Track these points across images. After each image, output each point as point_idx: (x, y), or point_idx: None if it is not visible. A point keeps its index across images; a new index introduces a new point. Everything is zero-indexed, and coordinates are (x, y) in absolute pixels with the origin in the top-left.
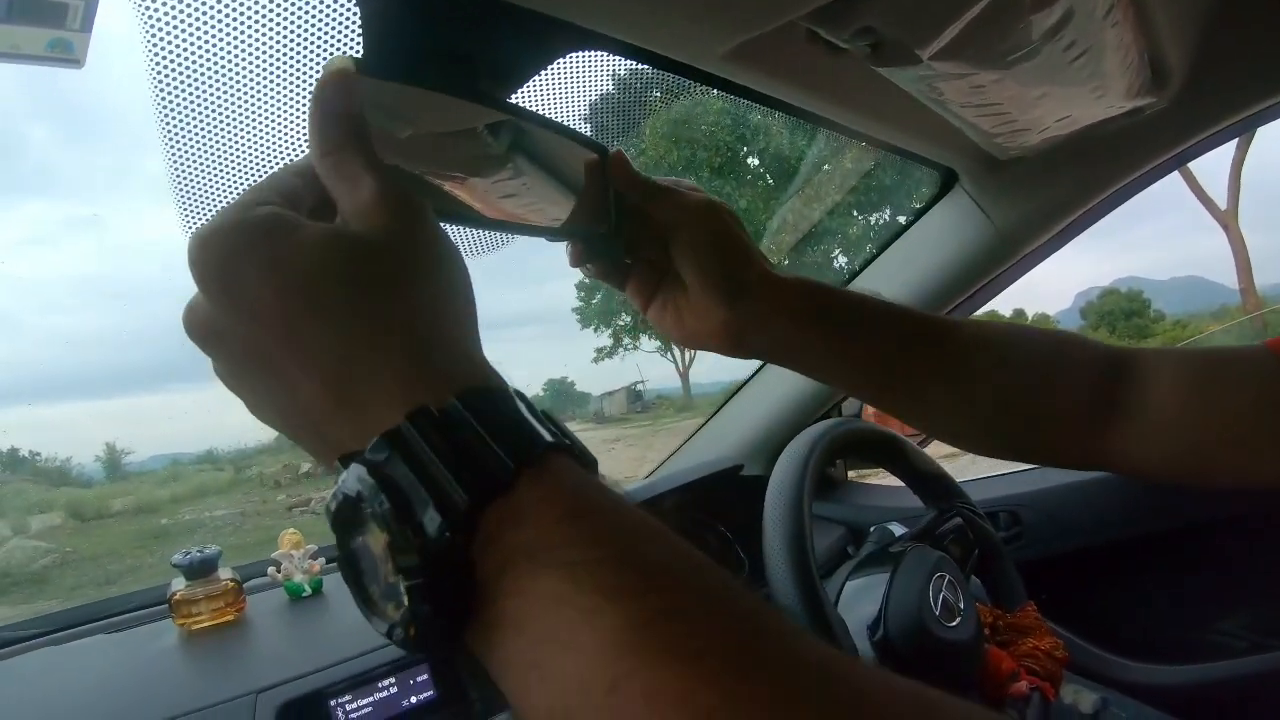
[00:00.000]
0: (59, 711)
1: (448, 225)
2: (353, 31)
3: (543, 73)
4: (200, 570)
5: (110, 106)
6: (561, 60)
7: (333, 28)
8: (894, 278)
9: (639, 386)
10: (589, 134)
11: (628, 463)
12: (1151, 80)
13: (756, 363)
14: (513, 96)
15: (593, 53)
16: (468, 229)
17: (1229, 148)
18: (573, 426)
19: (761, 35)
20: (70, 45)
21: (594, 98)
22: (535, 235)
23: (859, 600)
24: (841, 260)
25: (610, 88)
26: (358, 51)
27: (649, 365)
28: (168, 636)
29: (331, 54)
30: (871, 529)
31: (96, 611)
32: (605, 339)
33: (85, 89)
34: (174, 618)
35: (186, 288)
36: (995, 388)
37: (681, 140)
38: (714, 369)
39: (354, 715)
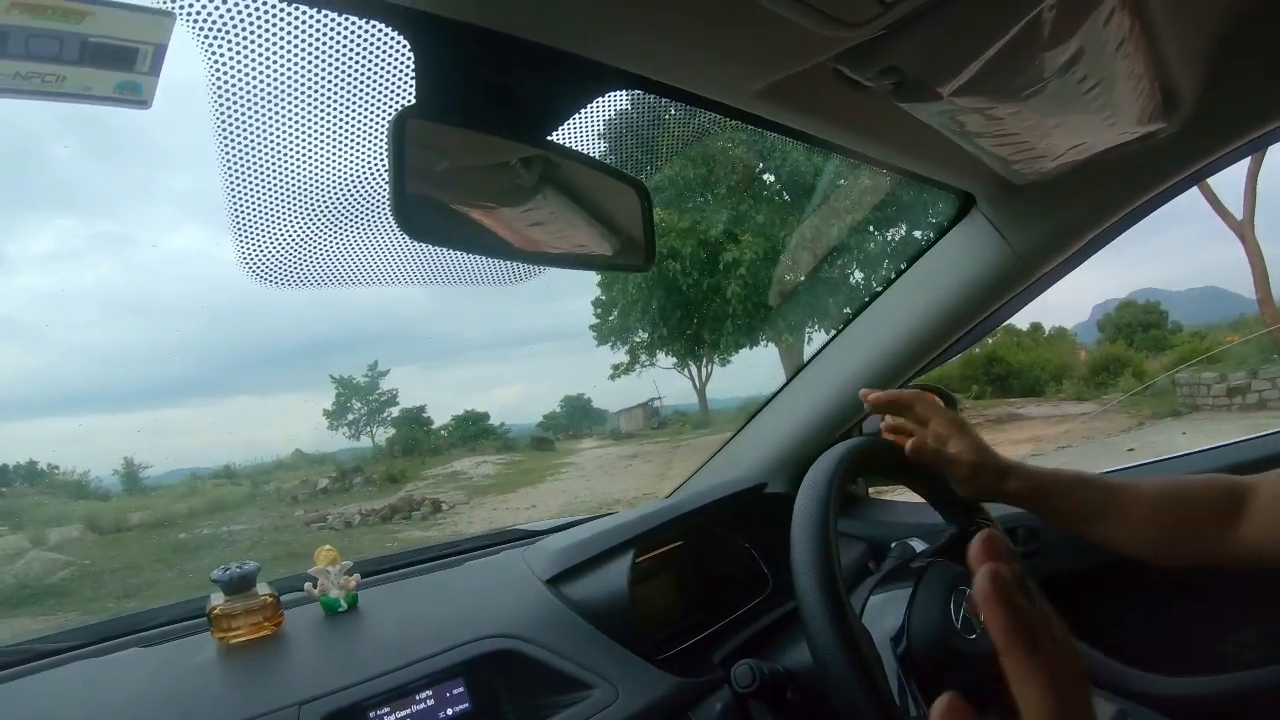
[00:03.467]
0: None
1: (488, 258)
2: (407, 74)
3: (581, 112)
4: (239, 585)
5: (138, 126)
6: (600, 100)
7: (387, 71)
8: (914, 298)
9: (656, 403)
10: (624, 169)
11: (647, 479)
12: (1162, 106)
13: (779, 380)
14: (554, 134)
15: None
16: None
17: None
18: (590, 443)
19: (791, 75)
20: (139, 88)
21: (629, 133)
22: (579, 268)
23: (882, 614)
24: (859, 277)
25: (644, 124)
26: (412, 97)
27: (666, 381)
28: (206, 650)
29: (387, 98)
30: (893, 545)
31: (133, 624)
32: (622, 355)
33: (116, 110)
34: (212, 631)
35: (207, 305)
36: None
37: (698, 159)
38: (731, 385)
39: None
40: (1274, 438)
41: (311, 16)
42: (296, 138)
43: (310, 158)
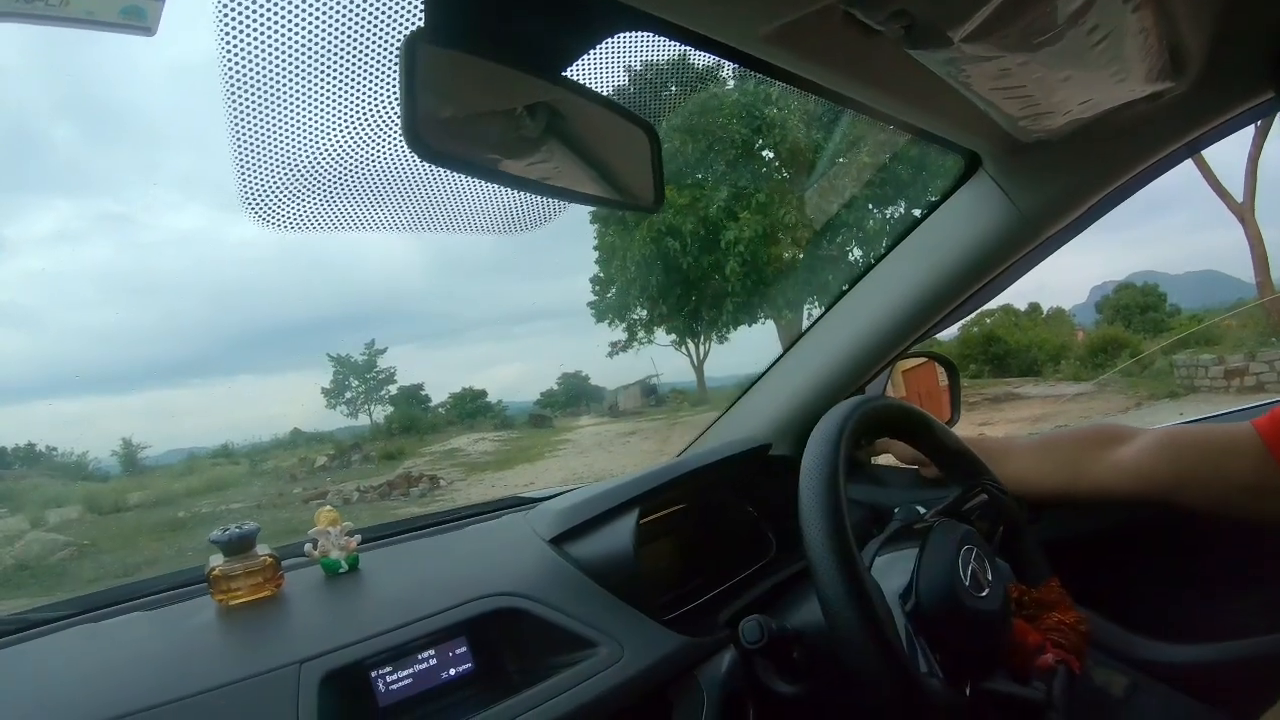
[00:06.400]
0: (100, 686)
1: (497, 188)
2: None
3: (592, 51)
4: (238, 546)
5: (138, 107)
6: (610, 40)
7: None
8: (919, 260)
9: (654, 380)
10: (634, 111)
11: (645, 455)
12: (1170, 65)
13: (777, 351)
14: (567, 72)
15: (639, 34)
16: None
17: (1245, 140)
18: (588, 420)
19: (800, 17)
20: (143, 12)
21: (637, 76)
22: (589, 204)
23: (889, 573)
24: (858, 254)
25: (654, 68)
26: (420, 19)
27: (663, 359)
28: (206, 612)
29: (396, 24)
30: (896, 510)
31: (132, 591)
32: (620, 333)
33: (114, 87)
34: (212, 593)
35: (208, 285)
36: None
37: (697, 132)
38: (728, 363)
39: (394, 686)
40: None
41: None
42: (302, 64)
43: (317, 89)
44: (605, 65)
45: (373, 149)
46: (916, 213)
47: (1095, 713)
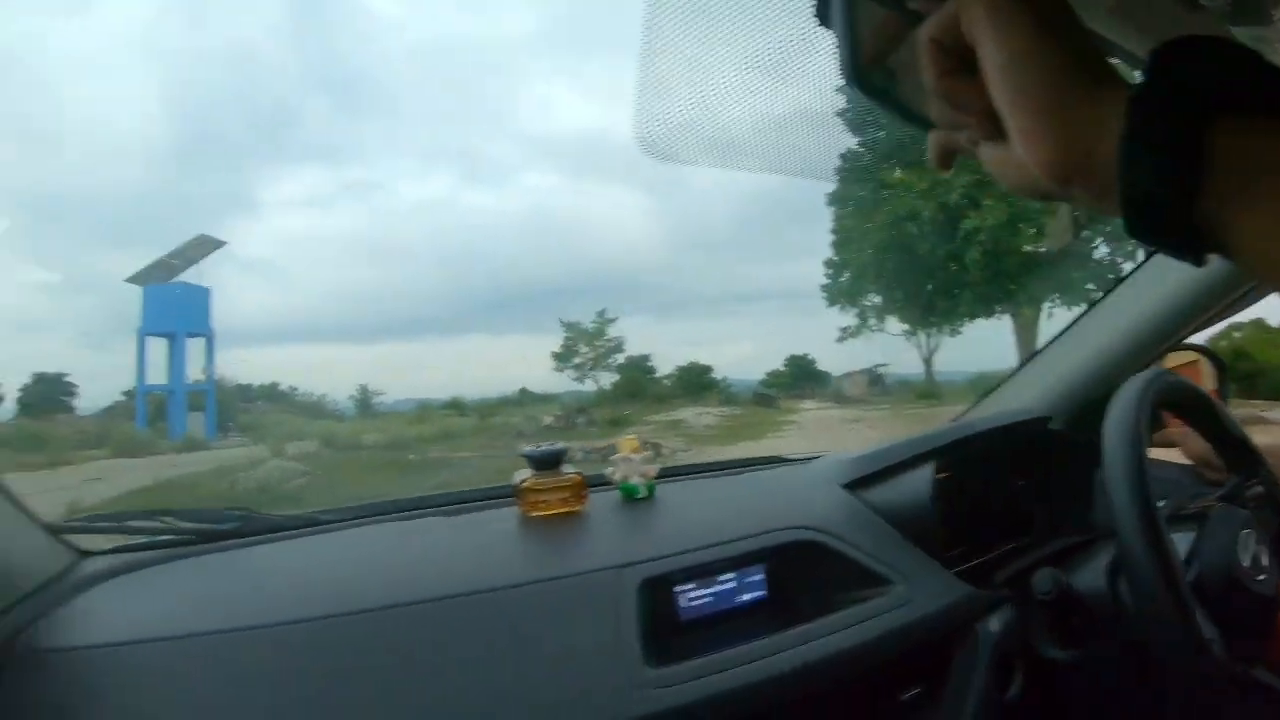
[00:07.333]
0: (416, 572)
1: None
2: None
3: None
4: (549, 462)
5: (383, 84)
6: None
7: None
8: (1166, 278)
9: (881, 369)
10: None
11: (870, 444)
12: None
13: (1008, 358)
14: None
15: None
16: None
17: None
18: (812, 404)
19: None
20: None
21: None
22: None
23: None
24: (1112, 243)
25: None
26: None
27: (892, 349)
28: (510, 521)
29: None
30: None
31: (434, 500)
32: (851, 318)
33: (361, 67)
34: (519, 504)
35: (446, 250)
36: None
37: None
38: (959, 358)
39: (694, 603)
40: None
41: None
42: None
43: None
44: None
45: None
46: None
47: None
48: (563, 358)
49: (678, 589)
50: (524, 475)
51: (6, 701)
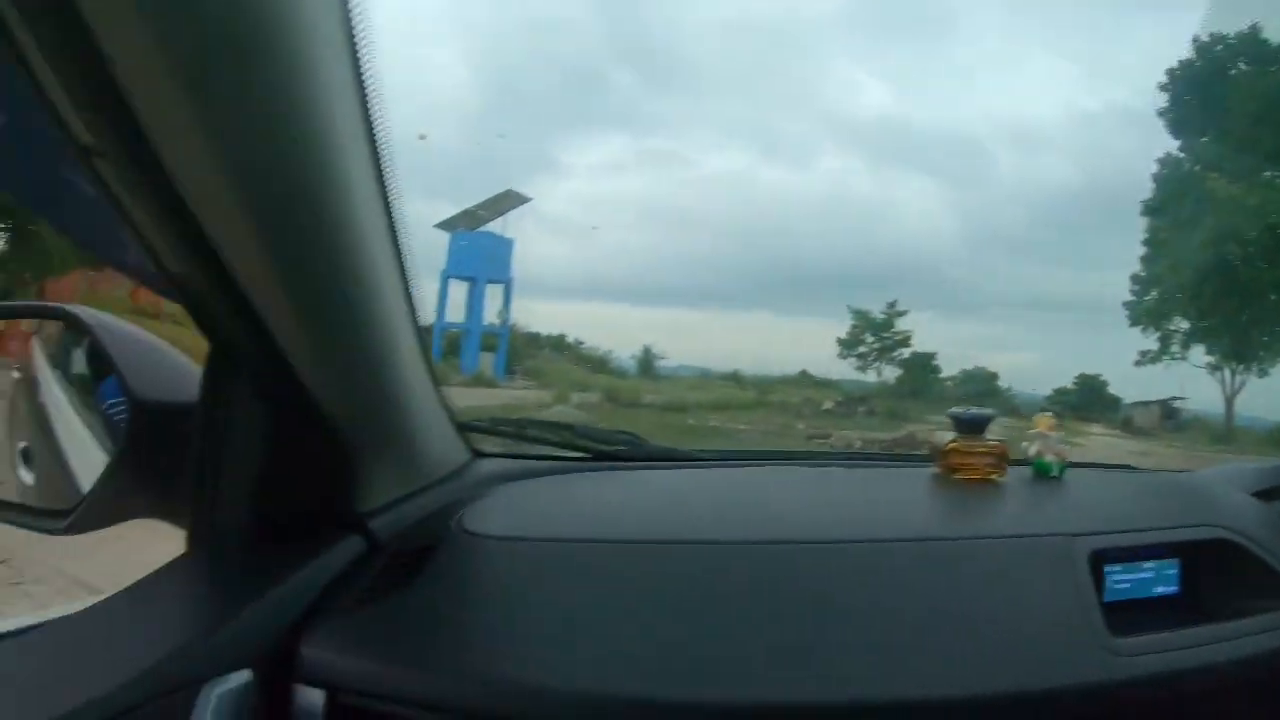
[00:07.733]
0: (828, 515)
1: None
2: None
3: None
4: (975, 425)
5: (691, 57)
6: None
7: None
8: None
9: (1177, 402)
10: None
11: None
12: None
13: None
14: None
15: None
16: None
17: None
18: (1098, 429)
19: None
20: None
21: None
22: None
23: None
24: None
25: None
26: None
27: (1192, 382)
28: (926, 480)
29: None
30: None
31: (832, 456)
32: (1152, 342)
33: (669, 39)
34: (939, 465)
35: (740, 223)
36: None
37: (1273, 119)
38: (1264, 404)
39: (1117, 585)
40: None
41: None
42: None
43: None
44: None
45: None
46: None
47: None
48: (848, 345)
49: (1108, 569)
50: (943, 437)
51: (450, 574)
